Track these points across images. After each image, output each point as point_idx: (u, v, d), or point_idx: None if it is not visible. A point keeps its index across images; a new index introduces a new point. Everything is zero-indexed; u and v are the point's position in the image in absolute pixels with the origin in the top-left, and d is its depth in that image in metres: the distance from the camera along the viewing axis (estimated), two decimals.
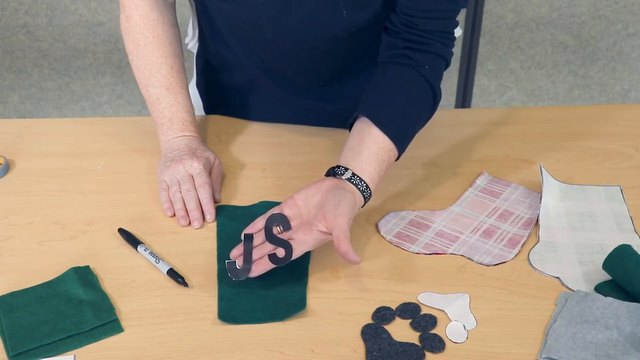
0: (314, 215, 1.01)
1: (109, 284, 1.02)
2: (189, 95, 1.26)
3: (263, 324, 0.95)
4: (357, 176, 1.05)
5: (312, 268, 1.04)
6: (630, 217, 1.14)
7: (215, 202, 1.15)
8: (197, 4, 1.29)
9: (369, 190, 1.05)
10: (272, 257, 0.99)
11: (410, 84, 1.13)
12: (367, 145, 1.07)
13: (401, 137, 1.10)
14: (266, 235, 1.01)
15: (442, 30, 1.13)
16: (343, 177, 1.04)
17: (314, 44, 1.20)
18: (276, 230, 1.02)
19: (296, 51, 1.22)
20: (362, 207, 1.07)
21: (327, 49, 1.21)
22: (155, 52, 1.23)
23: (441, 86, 1.16)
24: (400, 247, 1.08)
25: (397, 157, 1.11)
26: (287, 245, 0.99)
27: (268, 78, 1.30)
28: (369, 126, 1.08)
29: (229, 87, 1.37)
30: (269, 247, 1.00)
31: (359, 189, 1.04)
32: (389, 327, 0.95)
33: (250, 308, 0.98)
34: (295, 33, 1.17)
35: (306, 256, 1.05)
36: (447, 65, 1.16)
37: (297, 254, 0.99)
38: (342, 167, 1.06)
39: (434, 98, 1.14)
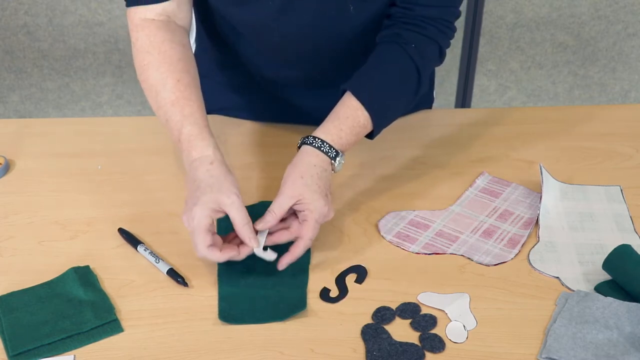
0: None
1: (109, 284, 1.02)
2: (200, 107, 1.10)
3: (263, 324, 0.95)
4: (306, 137, 1.08)
5: (312, 268, 1.05)
6: (630, 217, 1.14)
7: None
8: (198, 6, 1.28)
9: (318, 139, 1.06)
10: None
11: (392, 58, 1.14)
12: (333, 110, 1.11)
13: (378, 108, 1.11)
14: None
15: (440, 18, 1.15)
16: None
17: (320, 44, 1.19)
18: None
19: (302, 52, 1.21)
20: (335, 156, 1.07)
21: (333, 48, 1.21)
22: (160, 67, 1.10)
23: (436, 77, 1.19)
24: (400, 247, 1.08)
25: (363, 108, 1.10)
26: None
27: (270, 79, 1.30)
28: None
29: (229, 87, 1.37)
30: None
31: (306, 142, 1.07)
32: (389, 327, 0.95)
33: (250, 308, 0.98)
34: (302, 31, 1.16)
35: (306, 256, 1.05)
36: (441, 51, 1.17)
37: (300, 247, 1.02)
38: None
39: (418, 76, 1.14)
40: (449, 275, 1.03)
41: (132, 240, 1.09)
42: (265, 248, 1.02)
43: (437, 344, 0.92)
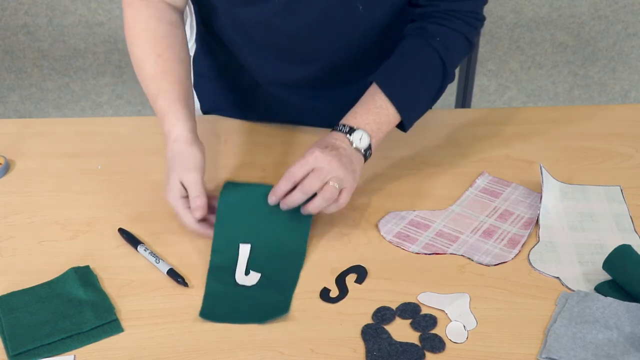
0: None
1: (109, 284, 1.02)
2: (177, 81, 1.13)
3: (263, 324, 0.95)
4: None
5: (312, 268, 1.04)
6: (630, 217, 1.14)
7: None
8: (200, 6, 1.28)
9: (345, 125, 1.10)
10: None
11: (417, 51, 1.15)
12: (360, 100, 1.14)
13: (392, 87, 1.12)
14: None
15: (467, 10, 1.16)
16: None
17: (327, 43, 1.19)
18: None
19: (308, 51, 1.21)
20: (349, 131, 1.09)
21: (340, 48, 1.20)
22: (143, 44, 1.14)
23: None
24: (400, 247, 1.08)
25: (385, 98, 1.12)
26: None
27: (273, 79, 1.29)
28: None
29: (229, 88, 1.37)
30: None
31: (334, 129, 1.10)
32: (389, 327, 0.95)
33: (232, 309, 0.98)
34: (309, 30, 1.16)
35: (298, 259, 1.05)
36: (470, 42, 1.18)
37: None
38: None
39: (443, 67, 1.15)
40: (449, 275, 1.03)
41: (132, 240, 1.09)
42: (247, 272, 1.02)
43: (437, 344, 0.92)
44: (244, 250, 1.05)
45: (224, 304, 0.98)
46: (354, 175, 1.06)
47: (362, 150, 1.09)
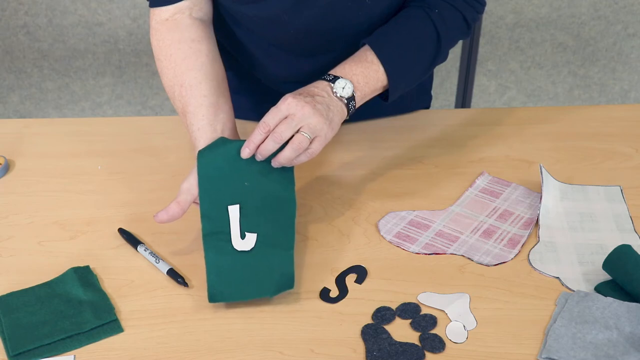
0: None
1: (109, 284, 1.02)
2: (198, 105, 1.11)
3: (263, 325, 0.95)
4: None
5: (312, 268, 1.04)
6: (630, 217, 1.14)
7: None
8: None
9: (330, 74, 1.07)
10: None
11: (413, 19, 1.15)
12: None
13: (384, 47, 1.11)
14: None
15: None
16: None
17: (335, 36, 1.19)
18: None
19: (316, 45, 1.21)
20: (333, 80, 1.07)
21: (347, 40, 1.19)
22: (168, 74, 1.14)
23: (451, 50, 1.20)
24: (400, 247, 1.08)
25: (375, 55, 1.11)
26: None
27: (279, 76, 1.29)
28: None
29: (234, 89, 1.36)
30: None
31: (322, 78, 1.07)
32: (389, 327, 0.95)
33: (239, 282, 0.97)
34: (317, 24, 1.16)
35: (291, 209, 1.04)
36: (468, 24, 1.18)
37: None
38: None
39: (438, 38, 1.15)
40: (449, 275, 1.03)
41: (132, 240, 1.09)
42: (243, 235, 1.01)
43: (437, 344, 0.92)
44: (234, 212, 1.02)
45: (229, 278, 0.98)
46: (331, 124, 1.03)
47: (345, 100, 1.06)
